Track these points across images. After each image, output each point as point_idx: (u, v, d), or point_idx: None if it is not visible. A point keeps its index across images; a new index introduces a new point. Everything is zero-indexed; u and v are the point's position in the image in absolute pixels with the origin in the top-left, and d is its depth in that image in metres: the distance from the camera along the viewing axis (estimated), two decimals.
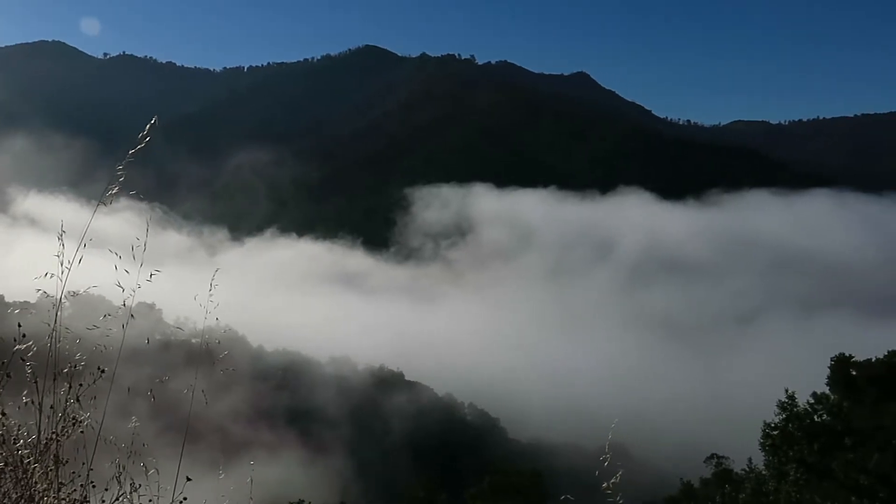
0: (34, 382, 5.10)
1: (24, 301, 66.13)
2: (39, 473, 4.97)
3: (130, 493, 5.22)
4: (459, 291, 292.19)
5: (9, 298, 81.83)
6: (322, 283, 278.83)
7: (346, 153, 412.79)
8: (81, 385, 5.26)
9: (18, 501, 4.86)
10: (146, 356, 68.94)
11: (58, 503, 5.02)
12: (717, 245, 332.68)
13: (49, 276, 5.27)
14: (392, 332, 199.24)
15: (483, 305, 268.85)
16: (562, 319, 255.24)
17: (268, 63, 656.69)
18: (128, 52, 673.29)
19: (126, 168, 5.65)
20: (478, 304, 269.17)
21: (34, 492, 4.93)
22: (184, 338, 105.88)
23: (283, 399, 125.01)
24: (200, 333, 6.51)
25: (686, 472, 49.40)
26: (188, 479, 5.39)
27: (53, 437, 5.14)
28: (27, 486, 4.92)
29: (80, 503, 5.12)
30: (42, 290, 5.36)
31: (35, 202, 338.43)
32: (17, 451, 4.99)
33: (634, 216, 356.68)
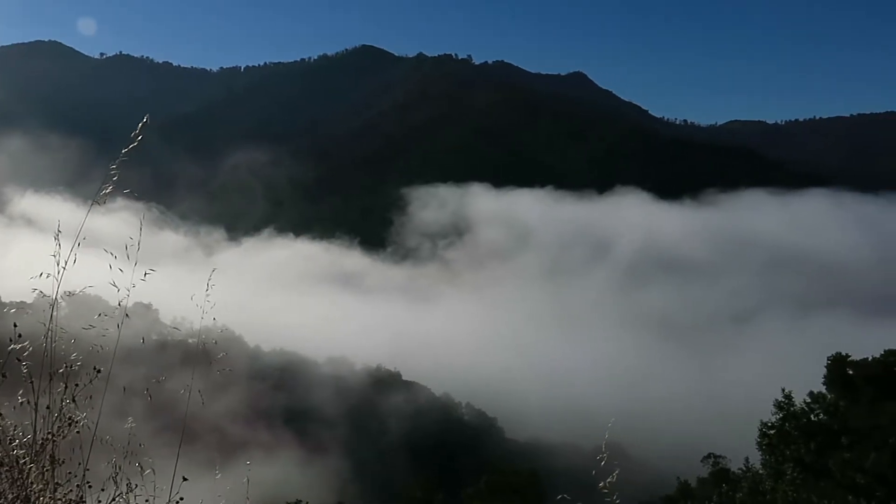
0: (30, 382, 5.09)
1: (21, 301, 66.04)
2: (35, 474, 4.96)
3: (127, 494, 5.22)
4: (456, 291, 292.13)
5: (5, 298, 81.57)
6: (319, 283, 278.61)
7: (343, 153, 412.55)
8: (77, 385, 5.25)
9: (14, 502, 4.85)
10: (143, 356, 68.89)
11: (54, 503, 5.01)
12: (714, 244, 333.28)
13: (45, 276, 5.26)
14: (389, 332, 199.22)
15: (480, 305, 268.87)
16: (559, 319, 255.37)
17: (264, 63, 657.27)
18: (124, 52, 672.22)
19: (121, 167, 5.64)
20: (475, 304, 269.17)
21: (30, 492, 4.92)
22: (180, 338, 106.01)
23: (280, 399, 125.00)
24: (197, 333, 6.52)
25: (683, 472, 49.42)
26: (184, 479, 5.39)
27: (49, 438, 5.13)
28: (23, 487, 4.92)
29: (77, 503, 5.11)
30: (38, 290, 5.36)
31: (31, 202, 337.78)
32: (13, 452, 4.98)
33: (631, 216, 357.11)
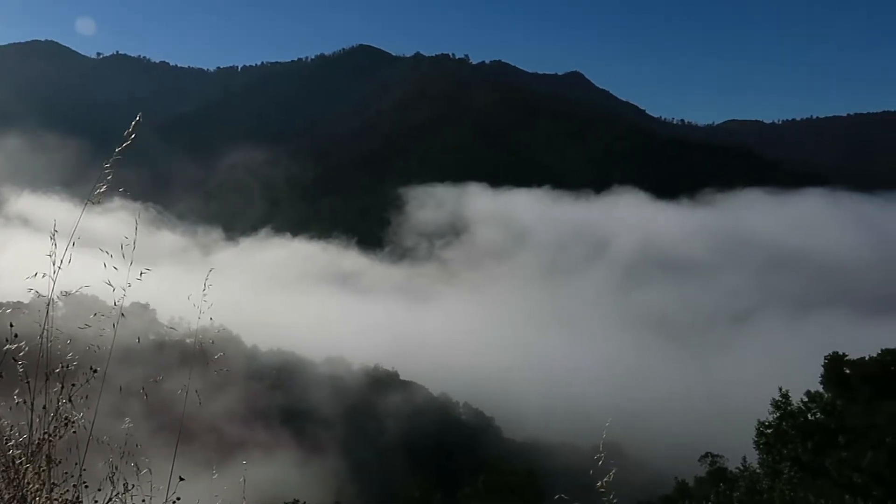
0: (26, 382, 5.08)
1: (17, 301, 65.83)
2: (31, 474, 4.95)
3: (123, 494, 5.20)
4: (454, 291, 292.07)
5: (1, 298, 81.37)
6: (317, 283, 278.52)
7: (341, 153, 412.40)
8: (74, 385, 5.24)
9: (10, 502, 4.84)
10: (139, 356, 68.82)
11: (50, 503, 5.00)
12: (712, 244, 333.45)
13: (41, 276, 5.25)
14: (387, 332, 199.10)
15: (478, 305, 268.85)
16: (556, 319, 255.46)
17: (262, 63, 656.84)
18: (121, 52, 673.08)
19: (115, 167, 5.62)
20: (473, 304, 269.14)
21: (26, 492, 4.91)
22: (178, 338, 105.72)
23: (278, 399, 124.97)
24: (194, 333, 6.51)
25: (681, 471, 49.53)
26: (181, 479, 5.38)
27: (45, 438, 5.12)
28: (19, 487, 4.90)
29: (73, 503, 5.10)
30: (34, 290, 5.34)
31: (28, 202, 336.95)
32: (9, 452, 4.97)
33: (629, 215, 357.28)
